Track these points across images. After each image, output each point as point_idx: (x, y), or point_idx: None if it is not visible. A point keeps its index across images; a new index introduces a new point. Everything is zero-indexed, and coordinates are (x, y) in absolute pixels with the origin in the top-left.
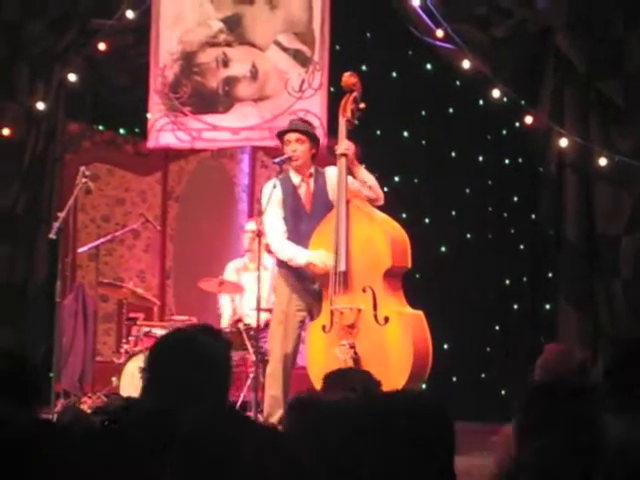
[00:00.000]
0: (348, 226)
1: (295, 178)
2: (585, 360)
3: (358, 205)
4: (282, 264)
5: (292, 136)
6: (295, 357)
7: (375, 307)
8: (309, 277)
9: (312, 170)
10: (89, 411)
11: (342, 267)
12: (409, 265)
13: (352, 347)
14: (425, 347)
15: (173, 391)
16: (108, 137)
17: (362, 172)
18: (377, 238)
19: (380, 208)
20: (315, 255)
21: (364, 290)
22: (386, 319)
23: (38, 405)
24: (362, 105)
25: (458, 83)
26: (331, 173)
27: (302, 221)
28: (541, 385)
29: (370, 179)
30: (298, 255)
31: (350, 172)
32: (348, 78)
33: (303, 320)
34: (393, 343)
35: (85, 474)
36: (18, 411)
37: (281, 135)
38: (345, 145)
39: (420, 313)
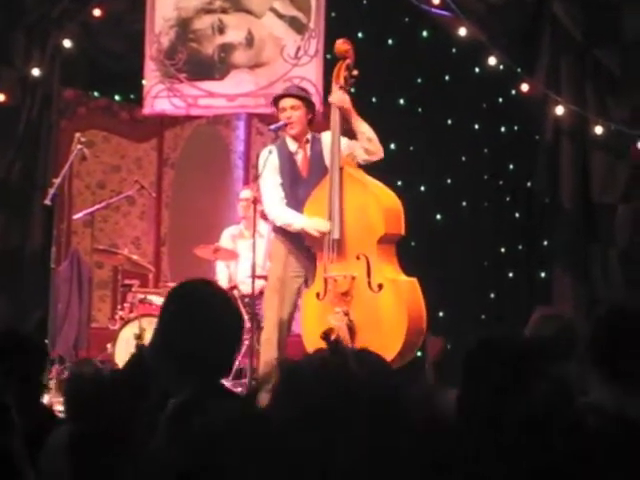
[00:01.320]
0: (341, 194)
1: (292, 145)
2: (569, 323)
3: (351, 173)
4: (278, 229)
5: (287, 102)
6: (290, 324)
7: (369, 274)
8: (304, 244)
9: (309, 136)
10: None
11: (336, 235)
12: (403, 232)
13: (346, 314)
14: (419, 314)
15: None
16: (103, 104)
17: (361, 124)
18: (370, 205)
19: (375, 175)
20: (311, 222)
21: (358, 257)
22: (380, 286)
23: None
24: (355, 72)
25: (454, 50)
26: (327, 139)
27: (299, 187)
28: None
29: (368, 130)
30: (295, 221)
31: (348, 123)
32: (341, 45)
33: (300, 287)
34: (387, 310)
35: None
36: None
37: (276, 102)
38: (338, 97)
39: (414, 280)
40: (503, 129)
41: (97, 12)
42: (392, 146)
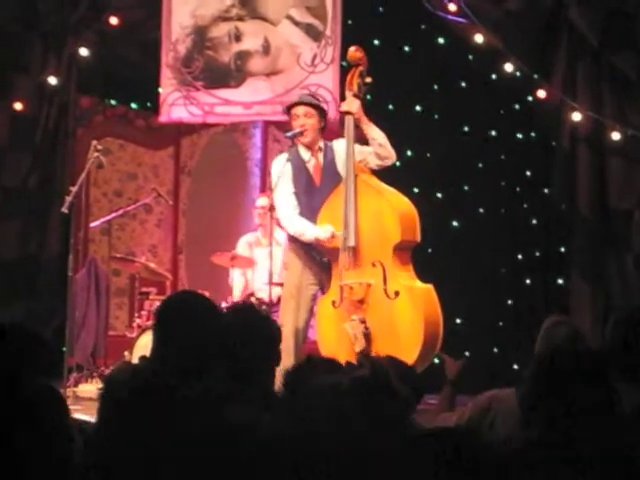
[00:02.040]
0: (356, 201)
1: (304, 153)
2: (575, 331)
3: (366, 180)
4: (293, 238)
5: (300, 110)
6: (306, 331)
7: (385, 281)
8: (319, 251)
9: (321, 144)
10: None
11: (351, 242)
12: (418, 239)
13: (363, 322)
14: (436, 321)
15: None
16: (120, 112)
17: (372, 129)
18: (386, 213)
19: (392, 182)
20: (323, 231)
21: (374, 265)
22: (396, 293)
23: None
24: (368, 79)
25: (471, 57)
26: (339, 146)
27: (313, 196)
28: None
29: (380, 136)
30: (307, 231)
31: (359, 129)
32: (354, 53)
33: (315, 294)
34: (404, 317)
35: None
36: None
37: (289, 109)
38: (346, 103)
39: (430, 287)
40: (520, 136)
41: (114, 20)
42: (409, 153)
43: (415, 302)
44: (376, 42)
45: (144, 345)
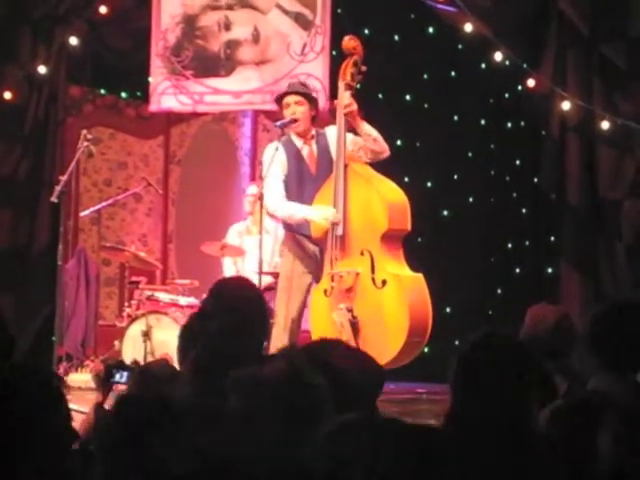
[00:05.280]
0: (346, 190)
1: (297, 141)
2: (561, 319)
3: (356, 169)
4: (288, 227)
5: (291, 99)
6: (300, 321)
7: (373, 270)
8: (312, 241)
9: (313, 132)
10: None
11: (339, 231)
12: (408, 228)
13: (350, 310)
14: (424, 311)
15: None
16: (110, 101)
17: (365, 126)
18: (374, 201)
19: (382, 171)
20: (316, 211)
21: (362, 253)
22: (383, 282)
23: None
24: (363, 68)
25: (460, 46)
26: (332, 133)
27: (307, 184)
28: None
29: (373, 131)
30: (297, 211)
31: (353, 128)
32: (348, 42)
33: (311, 283)
34: (390, 306)
35: None
36: None
37: (279, 99)
38: (344, 101)
39: (420, 276)
40: (509, 125)
41: (103, 9)
42: (398, 142)
43: (402, 291)
44: (366, 31)
45: (134, 335)
